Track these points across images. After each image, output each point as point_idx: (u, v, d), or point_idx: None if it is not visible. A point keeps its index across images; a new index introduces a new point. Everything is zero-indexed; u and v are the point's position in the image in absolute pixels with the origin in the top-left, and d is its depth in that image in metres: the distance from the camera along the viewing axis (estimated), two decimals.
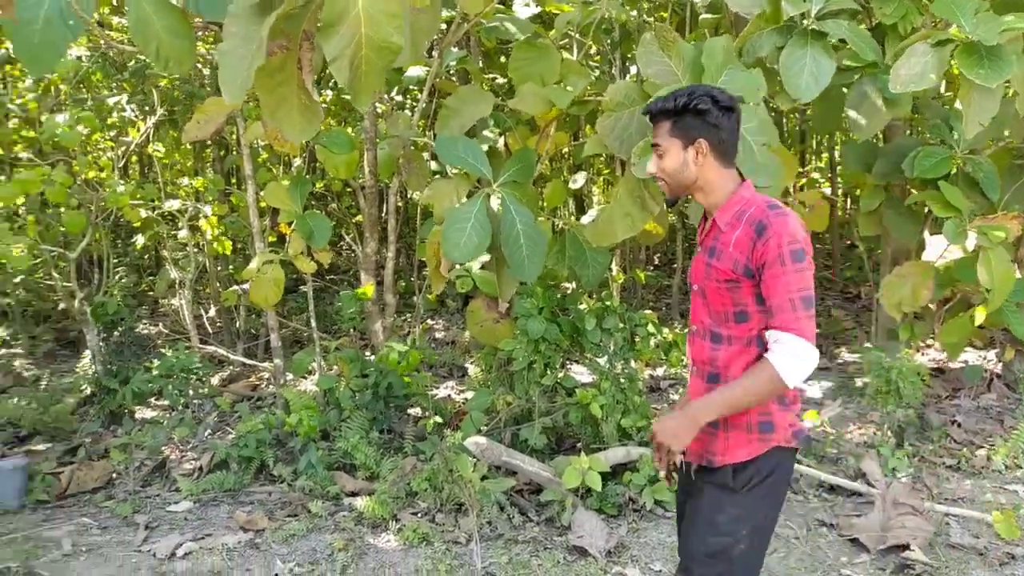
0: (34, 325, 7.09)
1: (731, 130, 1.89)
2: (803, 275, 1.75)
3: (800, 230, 1.78)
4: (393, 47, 2.27)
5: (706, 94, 1.85)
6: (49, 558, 3.28)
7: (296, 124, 2.64)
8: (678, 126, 1.89)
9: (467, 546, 3.33)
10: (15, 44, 2.27)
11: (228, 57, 2.36)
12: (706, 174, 1.90)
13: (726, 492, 1.88)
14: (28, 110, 6.33)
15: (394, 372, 4.18)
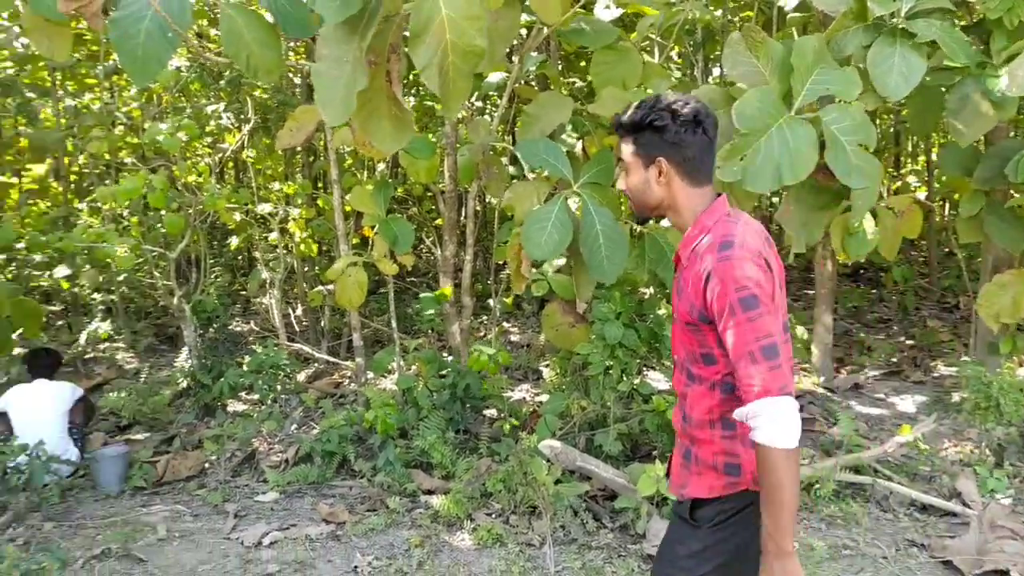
0: (136, 321, 7.54)
1: (700, 146, 1.70)
2: (757, 324, 1.54)
3: (749, 271, 1.57)
4: (477, 50, 2.31)
5: (666, 108, 1.69)
6: (145, 542, 3.48)
7: (387, 135, 2.72)
8: (638, 143, 1.74)
9: (540, 549, 3.35)
10: (120, 56, 2.43)
11: (323, 79, 2.45)
12: (672, 195, 1.74)
13: (688, 526, 1.77)
14: (133, 118, 6.75)
15: (471, 373, 4.24)
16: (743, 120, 3.25)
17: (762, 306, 1.56)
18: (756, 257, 1.61)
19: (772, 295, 1.62)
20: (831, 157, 3.27)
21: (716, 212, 1.72)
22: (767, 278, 1.61)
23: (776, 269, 1.70)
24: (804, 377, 5.47)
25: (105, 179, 6.60)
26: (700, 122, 1.69)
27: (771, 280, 1.62)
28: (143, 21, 2.39)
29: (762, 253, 1.63)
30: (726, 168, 3.21)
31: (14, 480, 3.80)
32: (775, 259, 1.73)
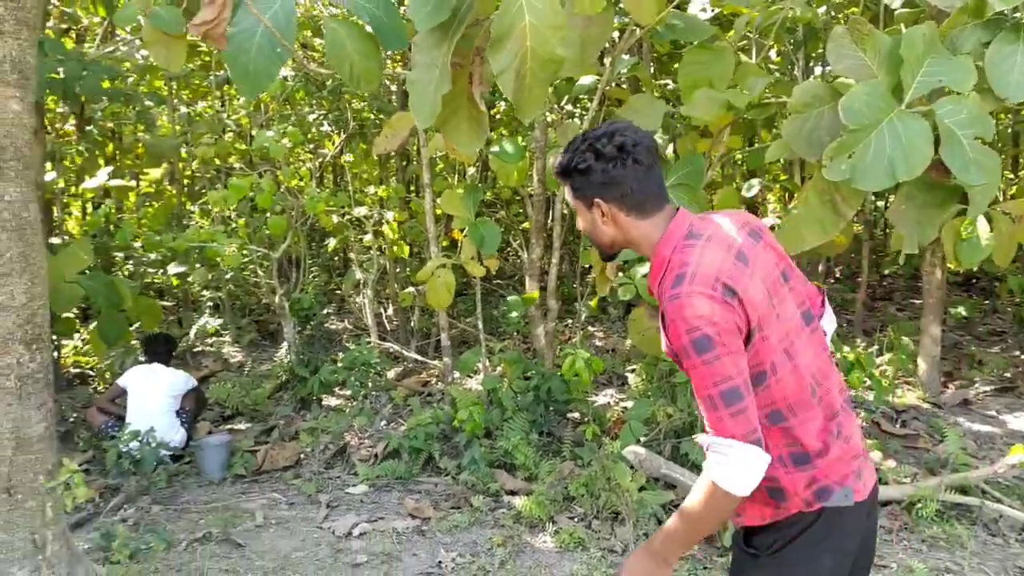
0: (240, 317, 7.95)
1: (635, 177, 1.58)
2: (713, 367, 1.45)
3: (700, 308, 1.45)
4: (556, 59, 2.33)
5: (588, 148, 1.58)
6: (243, 527, 3.67)
7: (464, 135, 2.78)
8: (574, 188, 1.65)
9: (622, 556, 3.31)
10: (232, 70, 2.58)
11: (417, 85, 2.53)
12: (623, 231, 1.64)
13: (747, 556, 1.65)
14: (241, 125, 7.14)
15: (555, 376, 4.24)
16: (851, 115, 3.11)
17: (717, 347, 1.44)
18: (712, 287, 1.47)
19: (738, 324, 1.48)
20: (946, 152, 3.09)
21: (672, 239, 1.59)
22: (724, 310, 1.46)
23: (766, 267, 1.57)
24: (908, 391, 5.18)
25: (215, 183, 7.01)
26: (628, 152, 1.57)
27: (732, 309, 1.47)
28: (254, 37, 2.54)
29: (720, 279, 1.48)
30: (833, 166, 3.09)
31: (126, 464, 4.08)
32: (769, 252, 1.61)
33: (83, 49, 5.66)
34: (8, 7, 2.49)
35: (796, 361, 1.57)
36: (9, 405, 2.57)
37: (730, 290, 1.48)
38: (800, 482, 1.56)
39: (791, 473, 1.56)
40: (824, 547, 1.59)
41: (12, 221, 2.56)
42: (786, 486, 1.56)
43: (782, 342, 1.56)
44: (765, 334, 1.53)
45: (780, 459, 1.57)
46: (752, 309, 1.50)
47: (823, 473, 1.56)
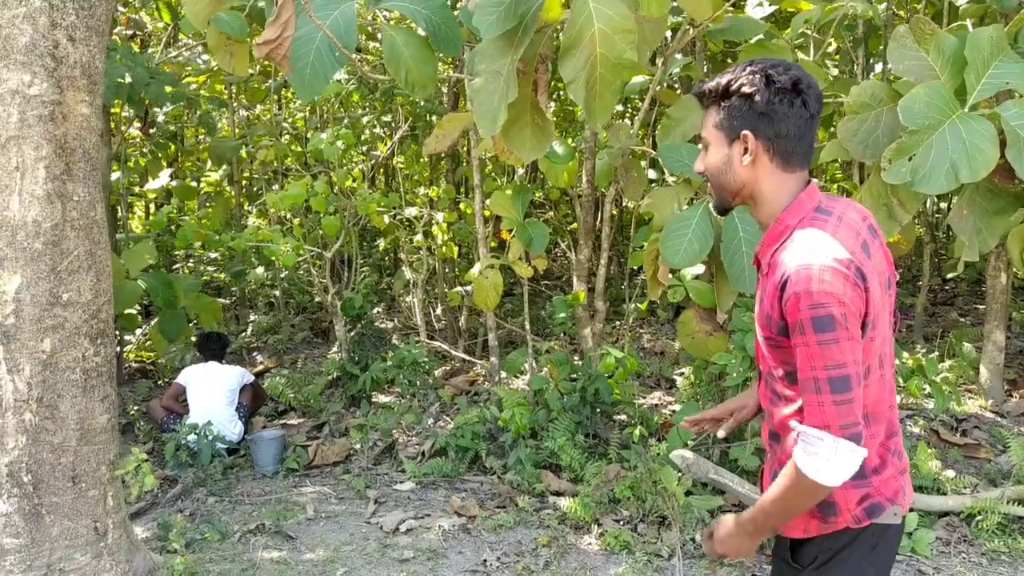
0: (294, 315, 8.13)
1: (798, 122, 1.43)
2: (830, 349, 1.33)
3: (832, 285, 1.33)
4: (626, 63, 2.31)
5: (759, 72, 1.41)
6: (295, 520, 3.75)
7: (527, 143, 2.79)
8: (723, 113, 1.46)
9: (668, 560, 3.28)
10: (289, 76, 2.64)
11: (480, 93, 2.55)
12: (757, 179, 1.48)
13: (791, 569, 1.59)
14: (297, 128, 7.31)
15: (602, 378, 4.23)
16: (911, 117, 3.03)
17: (839, 329, 1.33)
18: (846, 266, 1.35)
19: (861, 312, 1.37)
20: (1013, 155, 2.98)
21: (802, 208, 1.45)
22: (855, 293, 1.35)
23: (879, 267, 1.47)
24: (970, 399, 5.00)
25: (272, 184, 7.19)
26: (800, 91, 1.41)
27: (860, 294, 1.36)
28: (313, 43, 2.61)
29: (854, 260, 1.37)
30: (893, 169, 3.01)
31: (183, 456, 4.22)
32: (881, 253, 1.51)
33: (148, 54, 5.88)
34: (80, 15, 2.61)
35: (884, 370, 1.51)
36: (75, 397, 2.69)
37: (862, 275, 1.36)
38: (853, 498, 1.49)
39: (846, 488, 1.47)
40: (869, 562, 1.54)
41: (80, 220, 2.68)
42: (838, 501, 1.49)
43: (880, 347, 1.47)
44: (874, 333, 1.43)
45: None
46: (872, 302, 1.39)
47: (876, 490, 1.50)
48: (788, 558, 1.61)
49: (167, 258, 7.39)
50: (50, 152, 2.57)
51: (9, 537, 2.62)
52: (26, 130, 2.52)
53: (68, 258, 2.64)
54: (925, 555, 3.25)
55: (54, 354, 2.63)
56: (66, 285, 2.64)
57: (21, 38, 2.49)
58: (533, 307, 6.74)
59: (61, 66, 2.57)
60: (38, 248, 2.58)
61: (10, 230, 2.54)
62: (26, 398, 2.60)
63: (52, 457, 2.66)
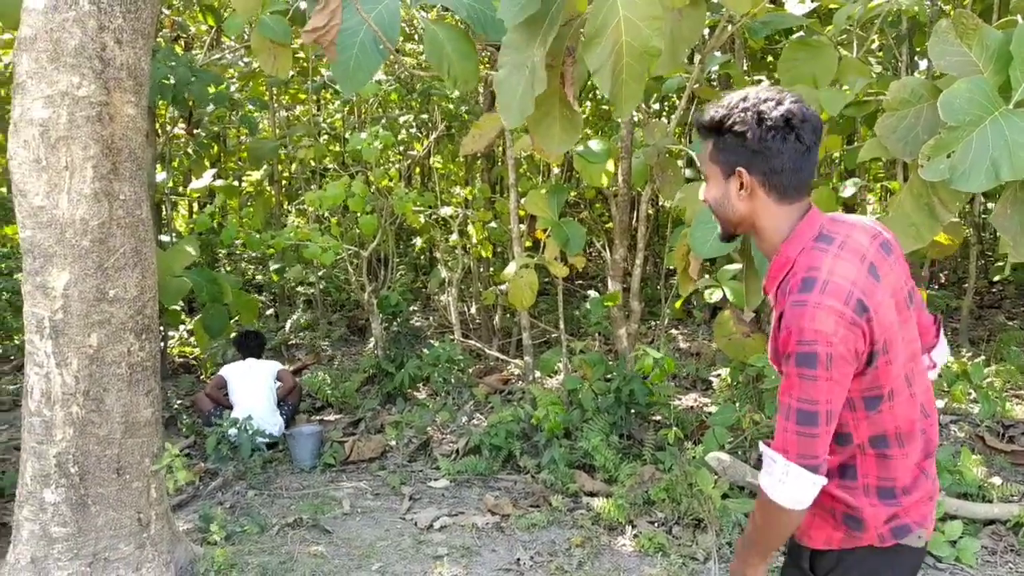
0: (332, 313, 8.24)
1: (792, 156, 1.42)
2: (807, 384, 1.36)
3: (821, 323, 1.34)
4: (652, 51, 2.29)
5: (751, 109, 1.42)
6: (331, 515, 3.80)
7: (556, 136, 2.78)
8: (718, 148, 1.49)
9: (704, 564, 3.25)
10: (333, 68, 2.68)
11: (505, 85, 2.56)
12: (755, 212, 1.49)
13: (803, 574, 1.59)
14: (336, 128, 7.40)
15: (637, 378, 4.20)
16: (951, 113, 2.94)
17: (820, 369, 1.35)
18: (843, 302, 1.35)
19: (856, 349, 1.37)
20: None
21: (801, 238, 1.46)
22: (847, 332, 1.35)
23: (895, 285, 1.46)
24: (1017, 404, 4.84)
25: (311, 184, 7.29)
26: (793, 127, 1.41)
27: (856, 331, 1.36)
28: (358, 35, 2.63)
29: (854, 293, 1.36)
30: (931, 166, 2.93)
31: (224, 450, 4.31)
32: (897, 269, 1.49)
33: (192, 56, 6.01)
34: (127, 18, 2.68)
35: (914, 389, 1.49)
36: (120, 391, 2.76)
37: (863, 307, 1.37)
38: (882, 516, 1.48)
39: (875, 506, 1.48)
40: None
41: (126, 218, 2.75)
42: (867, 518, 1.49)
43: (904, 367, 1.46)
44: (889, 357, 1.42)
45: (866, 489, 1.50)
46: (881, 329, 1.39)
47: (905, 511, 1.49)
48: (805, 566, 1.59)
49: (209, 256, 7.54)
50: (97, 152, 2.65)
51: (57, 526, 2.70)
52: (74, 130, 2.60)
53: (114, 255, 2.72)
54: (970, 564, 3.16)
55: (100, 349, 2.70)
56: (112, 281, 2.72)
57: (71, 41, 2.56)
58: (567, 307, 6.73)
59: (108, 68, 2.64)
60: (86, 245, 2.65)
61: (59, 228, 2.62)
62: (73, 391, 2.68)
63: (98, 449, 2.74)
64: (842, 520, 1.51)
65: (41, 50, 2.55)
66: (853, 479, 1.50)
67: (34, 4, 2.56)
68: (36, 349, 2.67)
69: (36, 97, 2.57)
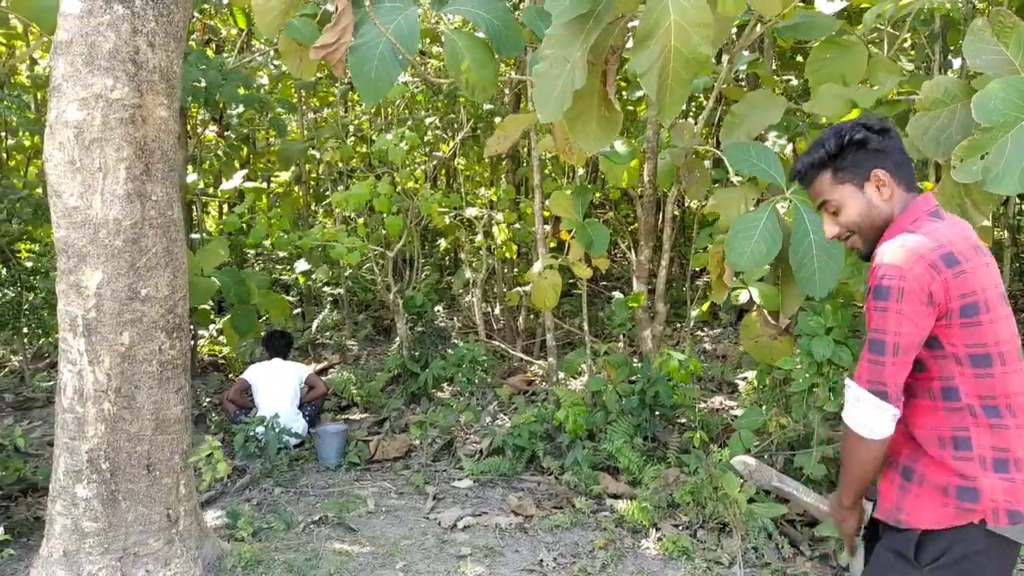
0: (358, 312, 8.30)
1: (901, 148, 1.67)
2: (880, 316, 1.54)
3: (904, 260, 1.52)
4: (701, 58, 2.27)
5: (852, 127, 1.66)
6: (356, 513, 3.83)
7: (592, 135, 2.77)
8: (842, 169, 1.68)
9: (729, 568, 3.22)
10: (355, 78, 2.71)
11: (544, 78, 2.54)
12: (895, 207, 1.67)
13: (906, 565, 1.58)
14: (363, 130, 7.46)
15: (661, 381, 4.18)
16: (984, 114, 2.89)
17: (891, 301, 1.51)
18: (928, 250, 1.52)
19: (931, 292, 1.50)
20: None
21: (916, 211, 1.64)
22: (926, 273, 1.50)
23: (995, 276, 1.58)
24: None
25: (338, 185, 7.36)
26: (887, 128, 1.65)
27: (937, 276, 1.50)
28: (377, 48, 2.66)
29: (945, 246, 1.53)
30: (964, 167, 2.87)
31: (252, 448, 4.36)
32: (986, 270, 1.58)
33: (222, 59, 6.10)
34: (160, 22, 2.73)
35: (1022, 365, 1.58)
36: (151, 388, 2.81)
37: (952, 259, 1.52)
38: (999, 489, 1.51)
39: (990, 476, 1.52)
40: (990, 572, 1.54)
41: (158, 219, 2.80)
42: (983, 487, 1.52)
43: (1011, 342, 1.56)
44: (994, 316, 1.53)
45: (982, 460, 1.54)
46: (979, 285, 1.52)
47: (1018, 491, 1.52)
48: (909, 553, 1.58)
49: (238, 256, 7.64)
50: (130, 153, 2.70)
51: (88, 521, 2.75)
52: (108, 132, 2.65)
53: (146, 255, 2.77)
54: None
55: (132, 347, 2.76)
56: (144, 281, 2.77)
57: (105, 44, 2.62)
58: (592, 308, 6.71)
59: (141, 71, 2.69)
60: (118, 245, 2.70)
61: (92, 228, 2.67)
62: (105, 388, 2.73)
63: (129, 445, 2.79)
64: (955, 493, 1.54)
65: (76, 54, 2.61)
66: (968, 449, 1.55)
67: (70, 8, 2.62)
68: (69, 347, 2.73)
69: (71, 100, 2.63)
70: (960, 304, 1.51)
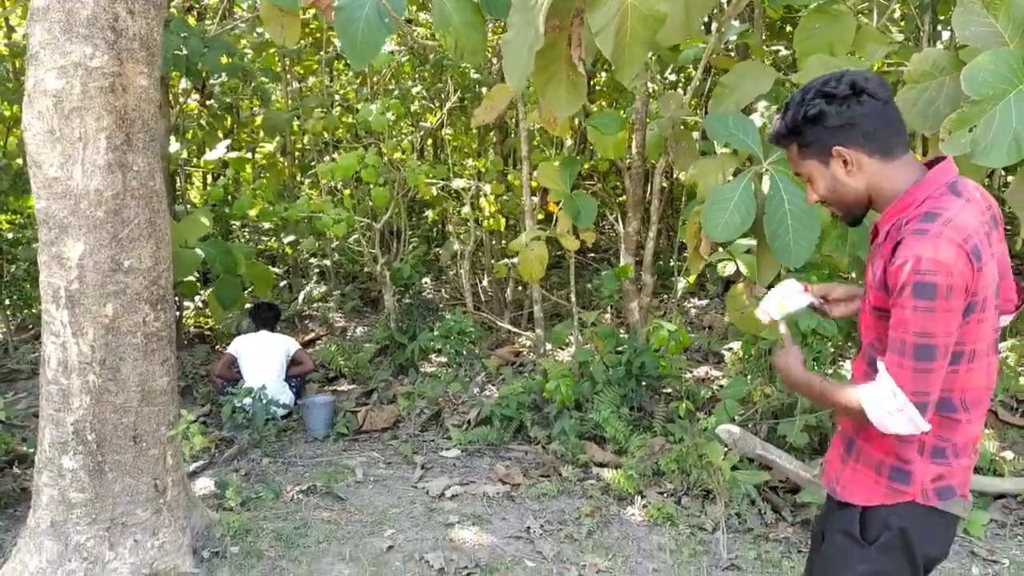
0: (344, 284, 8.28)
1: (875, 115, 1.46)
2: (924, 316, 1.36)
3: (944, 253, 1.35)
4: (658, 16, 2.25)
5: (815, 94, 1.48)
6: (345, 483, 3.86)
7: (563, 99, 2.76)
8: (804, 145, 1.54)
9: (712, 534, 3.28)
10: (342, 41, 2.68)
11: (511, 46, 2.53)
12: (870, 181, 1.51)
13: (854, 544, 1.57)
14: (348, 99, 7.37)
15: (647, 351, 4.21)
16: (974, 86, 2.88)
17: (939, 300, 1.35)
18: (962, 240, 1.37)
19: (969, 288, 1.39)
20: None
21: (934, 183, 1.47)
22: (966, 267, 1.37)
23: (998, 255, 1.50)
24: None
25: (324, 155, 7.29)
26: (862, 89, 1.46)
27: (971, 271, 1.38)
28: (363, 8, 2.62)
29: (973, 238, 1.39)
30: (952, 140, 2.88)
31: (240, 419, 4.37)
32: (1000, 245, 1.51)
33: (204, 27, 5.98)
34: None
35: (992, 358, 1.52)
36: (136, 360, 2.80)
37: (979, 253, 1.39)
38: (930, 473, 1.51)
39: (925, 461, 1.51)
40: (925, 555, 1.55)
41: (140, 190, 2.76)
42: (915, 471, 1.51)
43: (989, 335, 1.50)
44: (982, 316, 1.45)
45: (921, 445, 1.51)
46: (983, 284, 1.42)
47: (952, 473, 1.51)
48: (855, 532, 1.58)
49: (223, 228, 7.57)
50: (111, 123, 2.65)
51: (75, 492, 2.76)
52: (88, 101, 2.60)
53: (129, 226, 2.74)
54: (978, 537, 3.17)
55: (116, 319, 2.74)
56: (127, 252, 2.74)
57: (83, 11, 2.56)
58: (579, 280, 6.72)
59: (121, 38, 2.64)
60: (100, 216, 2.67)
61: (73, 199, 2.64)
62: (90, 360, 2.72)
63: (115, 417, 2.78)
64: (888, 474, 1.53)
65: (54, 20, 2.55)
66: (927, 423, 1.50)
67: None
68: (52, 319, 2.71)
69: (49, 68, 2.57)
70: (968, 300, 1.41)
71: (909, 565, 1.54)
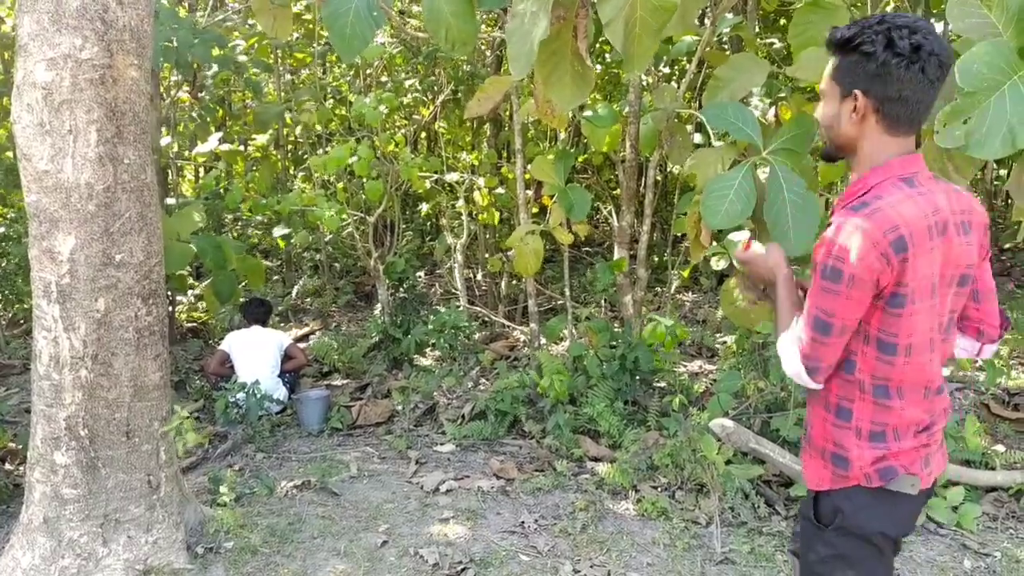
0: (338, 278, 8.25)
1: (913, 87, 1.40)
2: (827, 297, 1.45)
3: (856, 245, 1.38)
4: (668, 5, 2.23)
5: (883, 32, 1.39)
6: (339, 478, 3.85)
7: (567, 91, 2.74)
8: (842, 67, 1.48)
9: (706, 528, 3.29)
10: (331, 34, 2.65)
11: (514, 35, 2.50)
12: (862, 138, 1.49)
13: (814, 528, 1.62)
14: (341, 92, 7.32)
15: (642, 346, 4.21)
16: (968, 77, 2.88)
17: (841, 286, 1.43)
18: (881, 233, 1.39)
19: (879, 281, 1.42)
20: None
21: (889, 171, 1.46)
22: (877, 263, 1.39)
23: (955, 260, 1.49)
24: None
25: (317, 148, 7.24)
26: (920, 57, 1.38)
27: (886, 265, 1.40)
28: (352, 1, 2.59)
29: (899, 230, 1.39)
30: (946, 132, 2.87)
31: (233, 414, 4.35)
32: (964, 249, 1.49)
33: (195, 19, 5.93)
34: None
35: (934, 355, 1.53)
36: (128, 355, 2.78)
37: (902, 244, 1.40)
38: (868, 458, 1.53)
39: (863, 446, 1.53)
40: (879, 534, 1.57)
41: (131, 183, 2.74)
42: (852, 457, 1.54)
43: (928, 332, 1.50)
44: (916, 309, 1.46)
45: (857, 431, 1.54)
46: (914, 276, 1.43)
47: (893, 455, 1.53)
48: (811, 516, 1.64)
49: (215, 221, 7.53)
50: (101, 115, 2.63)
51: (68, 488, 2.74)
52: (78, 94, 2.58)
53: (120, 220, 2.71)
54: (971, 530, 3.19)
55: (108, 313, 2.72)
56: (118, 246, 2.72)
57: (72, 2, 2.53)
58: (574, 273, 6.71)
59: (110, 30, 2.61)
60: (91, 210, 2.65)
61: (64, 192, 2.61)
62: (81, 355, 2.70)
63: (107, 412, 2.77)
64: (830, 459, 1.58)
65: (43, 11, 2.52)
66: (847, 420, 1.55)
67: None
68: (44, 313, 2.69)
69: (38, 60, 2.54)
70: (892, 291, 1.43)
71: (867, 545, 1.57)
